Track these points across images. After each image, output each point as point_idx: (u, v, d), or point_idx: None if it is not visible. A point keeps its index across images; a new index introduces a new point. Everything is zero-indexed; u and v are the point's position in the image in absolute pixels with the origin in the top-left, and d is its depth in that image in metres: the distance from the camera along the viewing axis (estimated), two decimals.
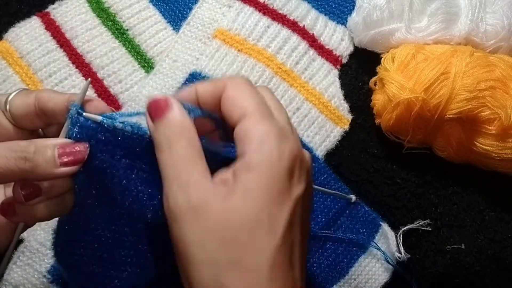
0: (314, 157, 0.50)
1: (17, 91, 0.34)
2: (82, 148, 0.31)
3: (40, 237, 0.47)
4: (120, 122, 0.31)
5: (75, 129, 0.31)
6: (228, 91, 0.31)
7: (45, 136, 0.36)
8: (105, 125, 0.31)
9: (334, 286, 0.48)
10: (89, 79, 0.35)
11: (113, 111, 0.34)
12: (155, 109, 0.31)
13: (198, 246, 0.28)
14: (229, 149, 0.31)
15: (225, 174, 0.30)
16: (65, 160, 0.31)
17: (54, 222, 0.48)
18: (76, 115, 0.31)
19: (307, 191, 0.31)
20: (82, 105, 0.32)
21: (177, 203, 0.29)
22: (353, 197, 0.50)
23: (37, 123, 0.35)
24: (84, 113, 0.31)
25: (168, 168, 0.30)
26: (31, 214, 0.33)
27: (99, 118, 0.31)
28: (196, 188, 0.29)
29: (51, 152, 0.31)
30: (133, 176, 0.32)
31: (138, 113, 0.33)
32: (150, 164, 0.32)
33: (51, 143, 0.31)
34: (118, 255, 0.35)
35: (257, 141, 0.29)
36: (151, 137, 0.31)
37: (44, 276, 0.46)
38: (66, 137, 0.32)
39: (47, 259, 0.46)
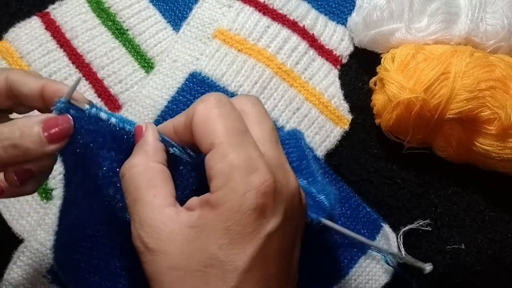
0: (316, 158, 0.50)
1: None
2: (65, 120, 0.31)
3: (40, 237, 0.47)
4: (105, 113, 0.31)
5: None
6: (195, 119, 0.30)
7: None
8: (91, 115, 0.31)
9: (334, 286, 0.48)
10: (80, 76, 0.34)
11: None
12: (136, 133, 0.32)
13: (156, 283, 0.28)
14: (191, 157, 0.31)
15: (194, 203, 0.29)
16: (52, 132, 0.30)
17: (54, 221, 0.48)
18: (63, 110, 0.31)
19: (289, 222, 0.29)
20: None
21: (135, 241, 0.29)
22: (427, 268, 0.43)
23: (7, 103, 0.34)
24: (70, 100, 0.31)
25: (129, 201, 0.30)
26: (21, 191, 0.33)
27: (86, 106, 0.31)
28: (152, 230, 0.28)
29: (37, 130, 0.30)
30: (118, 170, 0.31)
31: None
32: None
33: (34, 121, 0.31)
34: (113, 266, 0.34)
35: (221, 178, 0.28)
36: None
37: (44, 276, 0.46)
38: None
39: (47, 259, 0.46)
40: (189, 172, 0.32)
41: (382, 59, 0.51)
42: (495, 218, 0.51)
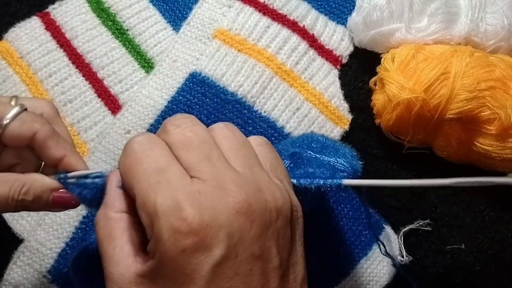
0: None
1: (14, 113, 0.33)
2: (72, 198, 0.34)
3: (40, 237, 0.47)
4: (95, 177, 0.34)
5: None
6: (120, 171, 0.30)
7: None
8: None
9: (335, 287, 0.48)
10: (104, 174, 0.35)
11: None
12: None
13: None
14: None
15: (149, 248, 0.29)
16: (58, 202, 0.34)
17: (54, 222, 0.48)
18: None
19: (239, 246, 0.27)
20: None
21: None
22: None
23: (24, 149, 0.35)
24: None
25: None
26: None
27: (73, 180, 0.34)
28: (113, 284, 0.29)
29: (48, 195, 0.33)
30: None
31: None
32: None
33: (49, 187, 0.34)
34: None
35: (148, 229, 0.27)
36: None
37: (44, 276, 0.46)
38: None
39: (47, 259, 0.46)
40: None
41: (382, 59, 0.51)
42: (495, 218, 0.51)
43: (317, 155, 0.37)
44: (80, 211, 0.47)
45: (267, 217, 0.28)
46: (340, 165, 0.35)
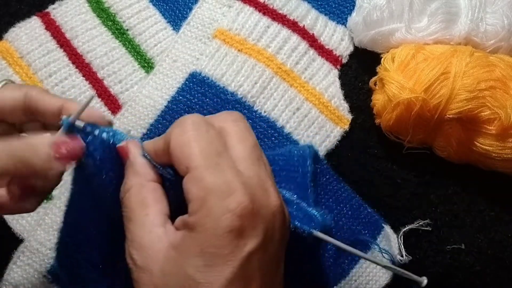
0: (318, 158, 0.50)
1: (3, 83, 0.34)
2: (76, 143, 0.31)
3: (40, 237, 0.47)
4: (103, 130, 0.32)
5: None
6: (172, 144, 0.30)
7: (22, 131, 0.36)
8: (96, 135, 0.31)
9: (335, 287, 0.48)
10: (93, 94, 0.34)
11: (110, 123, 0.34)
12: (121, 153, 0.32)
13: None
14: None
15: (179, 223, 0.30)
16: (61, 154, 0.31)
17: (54, 222, 0.48)
18: (75, 130, 0.31)
19: (270, 241, 0.29)
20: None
21: (127, 258, 0.30)
22: (424, 281, 0.43)
23: (21, 118, 0.35)
24: (70, 119, 0.31)
25: (123, 216, 0.31)
26: (21, 208, 0.34)
27: (82, 124, 0.31)
28: (141, 248, 0.29)
29: (47, 149, 0.31)
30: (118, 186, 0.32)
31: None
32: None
33: (46, 140, 0.31)
34: (112, 264, 0.35)
35: (196, 202, 0.28)
36: None
37: (44, 276, 0.46)
38: None
39: (47, 259, 0.46)
40: (174, 189, 0.32)
41: (382, 59, 0.51)
42: (495, 218, 0.51)
43: (298, 201, 0.39)
44: None
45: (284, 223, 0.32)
46: (315, 217, 0.38)
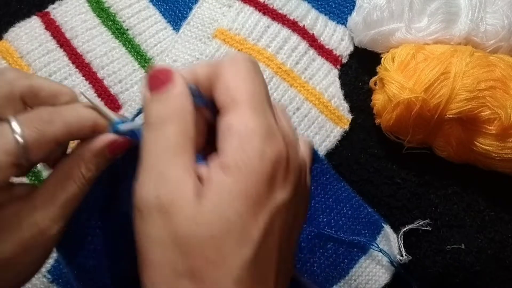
0: (318, 158, 0.50)
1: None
2: (126, 140, 0.31)
3: None
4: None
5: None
6: (223, 75, 0.27)
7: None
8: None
9: (334, 286, 0.48)
10: (80, 91, 0.34)
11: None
12: (156, 79, 0.27)
13: (159, 248, 0.25)
14: None
15: (201, 170, 0.26)
16: (115, 145, 0.31)
17: None
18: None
19: (296, 195, 0.28)
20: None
21: (146, 195, 0.26)
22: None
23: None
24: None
25: (150, 151, 0.27)
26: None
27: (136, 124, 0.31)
28: (170, 185, 0.25)
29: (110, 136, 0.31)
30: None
31: None
32: None
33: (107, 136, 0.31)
34: (113, 249, 0.35)
35: (239, 139, 0.26)
36: (143, 109, 0.28)
37: (44, 276, 0.46)
38: None
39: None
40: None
41: (382, 59, 0.51)
42: (495, 218, 0.51)
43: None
44: None
45: None
46: None
